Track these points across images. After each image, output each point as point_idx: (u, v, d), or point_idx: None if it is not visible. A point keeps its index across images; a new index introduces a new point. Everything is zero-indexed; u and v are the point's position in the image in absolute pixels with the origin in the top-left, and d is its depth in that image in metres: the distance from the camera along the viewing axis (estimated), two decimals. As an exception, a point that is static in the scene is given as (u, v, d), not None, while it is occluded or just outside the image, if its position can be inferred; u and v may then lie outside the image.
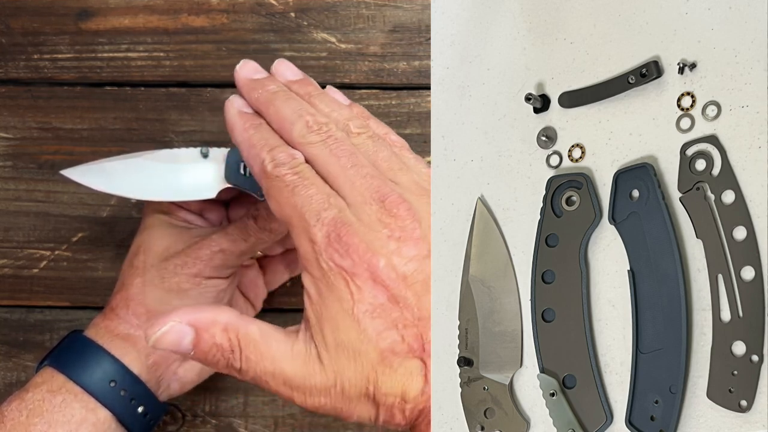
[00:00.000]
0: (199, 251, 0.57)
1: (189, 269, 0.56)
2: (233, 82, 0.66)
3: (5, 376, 0.67)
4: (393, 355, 0.44)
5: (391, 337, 0.44)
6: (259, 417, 0.66)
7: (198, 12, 0.67)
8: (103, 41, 0.67)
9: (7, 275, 0.67)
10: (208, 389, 0.66)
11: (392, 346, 0.44)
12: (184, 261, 0.57)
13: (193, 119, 0.67)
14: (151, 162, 0.57)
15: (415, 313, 0.45)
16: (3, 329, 0.67)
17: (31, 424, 0.54)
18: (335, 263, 0.44)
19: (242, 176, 0.56)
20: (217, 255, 0.57)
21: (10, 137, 0.67)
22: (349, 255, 0.44)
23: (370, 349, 0.44)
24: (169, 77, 0.67)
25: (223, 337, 0.46)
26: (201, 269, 0.57)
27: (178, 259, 0.57)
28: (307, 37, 0.66)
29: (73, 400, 0.55)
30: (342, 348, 0.45)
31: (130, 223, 0.66)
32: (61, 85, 0.67)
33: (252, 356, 0.46)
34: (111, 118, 0.67)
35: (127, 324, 0.57)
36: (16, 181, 0.67)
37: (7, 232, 0.67)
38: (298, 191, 0.45)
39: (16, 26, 0.67)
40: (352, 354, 0.45)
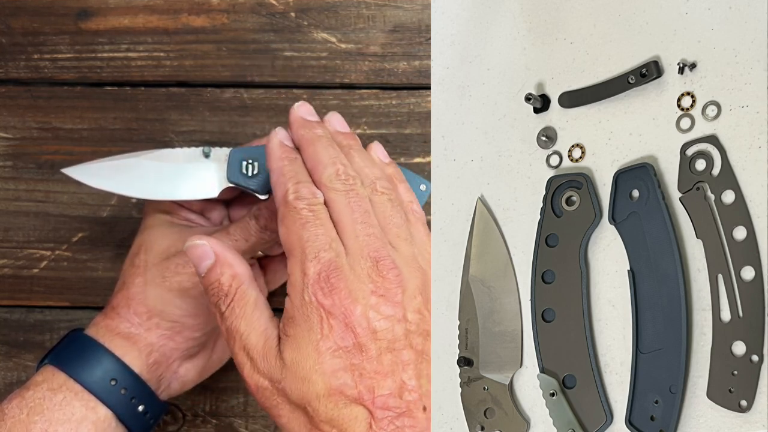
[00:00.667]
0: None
1: (190, 268, 0.57)
2: (233, 81, 0.67)
3: (5, 376, 0.67)
4: (340, 395, 0.48)
5: (344, 378, 0.48)
6: (259, 417, 0.66)
7: (198, 12, 0.67)
8: (103, 41, 0.67)
9: (7, 275, 0.67)
10: (209, 389, 0.66)
11: (342, 387, 0.48)
12: (186, 260, 0.57)
13: (193, 119, 0.67)
14: (153, 161, 0.57)
15: (374, 366, 0.48)
16: (3, 329, 0.67)
17: (32, 422, 0.54)
18: (317, 299, 0.48)
19: (244, 176, 0.57)
20: None
21: (10, 137, 0.67)
22: (331, 296, 0.48)
23: (319, 381, 0.48)
24: (169, 77, 0.67)
25: (228, 280, 0.51)
26: None
27: (179, 258, 0.57)
28: (307, 37, 0.66)
29: (74, 399, 0.55)
30: (295, 367, 0.48)
31: (130, 223, 0.66)
32: (61, 85, 0.67)
33: (236, 310, 0.51)
34: (111, 118, 0.67)
35: (128, 323, 0.57)
36: (16, 181, 0.67)
37: (7, 232, 0.67)
38: (308, 227, 0.50)
39: (16, 26, 0.67)
40: (302, 377, 0.48)
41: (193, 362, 0.60)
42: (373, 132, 0.66)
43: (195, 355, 0.60)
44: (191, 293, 0.57)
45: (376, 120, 0.66)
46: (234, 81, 0.67)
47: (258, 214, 0.57)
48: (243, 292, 0.51)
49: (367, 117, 0.66)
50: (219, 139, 0.66)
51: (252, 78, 0.66)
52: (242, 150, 0.57)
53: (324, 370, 0.48)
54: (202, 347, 0.60)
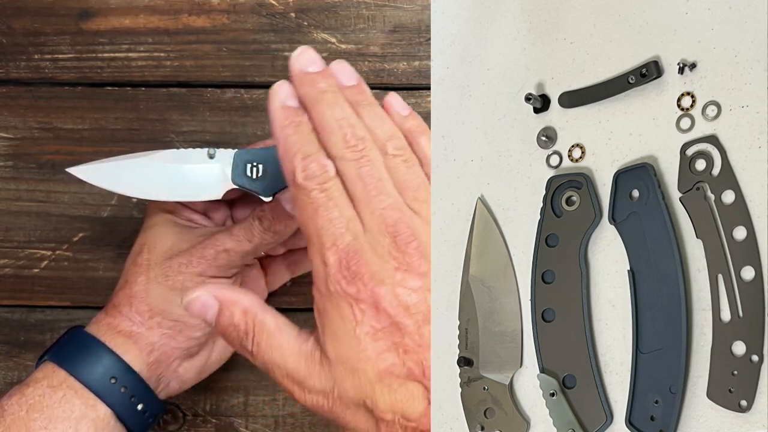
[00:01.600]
0: (203, 251, 0.57)
1: (193, 268, 0.57)
2: (234, 82, 0.67)
3: (6, 375, 0.67)
4: (392, 376, 0.46)
5: (390, 359, 0.46)
6: (259, 416, 0.66)
7: (199, 12, 0.67)
8: (103, 41, 0.67)
9: (7, 275, 0.67)
10: (209, 389, 0.66)
11: (391, 368, 0.46)
12: (189, 260, 0.57)
13: (193, 119, 0.67)
14: (158, 162, 0.58)
15: (416, 340, 0.47)
16: (4, 329, 0.67)
17: (31, 419, 0.54)
18: (342, 288, 0.47)
19: (249, 178, 0.57)
20: (222, 255, 0.57)
21: (11, 137, 0.67)
22: (354, 283, 0.47)
23: (368, 368, 0.46)
24: (170, 77, 0.67)
25: (241, 319, 0.49)
26: (205, 268, 0.57)
27: (182, 258, 0.57)
28: (307, 37, 0.66)
29: (74, 396, 0.55)
30: (341, 361, 0.47)
31: (131, 223, 0.66)
32: (62, 85, 0.67)
33: (263, 344, 0.49)
34: (112, 119, 0.67)
35: (129, 321, 0.57)
36: (16, 181, 0.67)
37: (8, 232, 0.67)
38: (320, 212, 0.47)
39: (17, 26, 0.67)
40: (350, 369, 0.47)
41: (193, 362, 0.60)
42: (374, 132, 0.66)
43: (195, 354, 0.60)
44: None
45: (377, 120, 0.66)
46: (234, 81, 0.67)
47: (262, 215, 0.57)
48: (261, 323, 0.49)
49: (368, 117, 0.66)
50: (219, 139, 0.66)
51: (252, 78, 0.67)
52: (247, 152, 0.57)
53: (368, 356, 0.46)
54: (202, 347, 0.60)
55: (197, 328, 0.58)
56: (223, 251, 0.57)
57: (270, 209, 0.57)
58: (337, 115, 0.49)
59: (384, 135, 0.50)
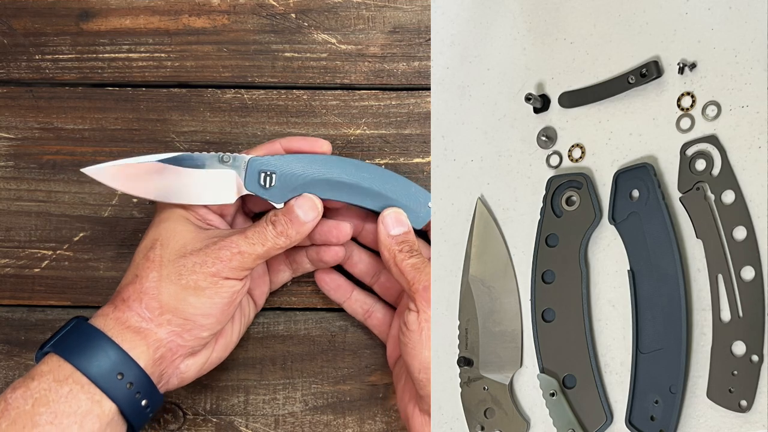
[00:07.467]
0: (219, 252, 0.57)
1: (208, 268, 0.57)
2: (234, 82, 0.67)
3: (7, 375, 0.67)
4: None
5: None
6: (259, 416, 0.66)
7: (199, 13, 0.67)
8: (104, 42, 0.67)
9: (8, 275, 0.67)
10: (210, 388, 0.66)
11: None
12: (204, 260, 0.57)
13: (193, 120, 0.67)
14: (173, 166, 0.59)
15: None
16: (5, 328, 0.67)
17: (37, 413, 0.54)
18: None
19: (261, 187, 0.59)
20: (236, 257, 0.57)
21: (12, 137, 0.67)
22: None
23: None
24: (170, 78, 0.67)
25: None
26: (220, 269, 0.57)
27: (197, 257, 0.57)
28: (307, 38, 0.66)
29: (80, 391, 0.55)
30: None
31: (131, 223, 0.66)
32: (62, 85, 0.67)
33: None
34: (112, 119, 0.67)
35: (139, 317, 0.57)
36: (17, 181, 0.67)
37: (9, 232, 0.67)
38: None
39: (18, 27, 0.67)
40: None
41: (195, 359, 0.60)
42: (373, 132, 0.66)
43: (197, 352, 0.60)
44: (206, 293, 0.57)
45: (376, 120, 0.66)
46: (234, 82, 0.67)
47: (275, 220, 0.58)
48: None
49: (367, 117, 0.66)
50: (220, 139, 0.66)
51: (252, 79, 0.67)
52: (261, 161, 0.59)
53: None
54: (205, 346, 0.60)
55: (206, 327, 0.58)
56: (237, 253, 0.57)
57: (283, 214, 0.58)
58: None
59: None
